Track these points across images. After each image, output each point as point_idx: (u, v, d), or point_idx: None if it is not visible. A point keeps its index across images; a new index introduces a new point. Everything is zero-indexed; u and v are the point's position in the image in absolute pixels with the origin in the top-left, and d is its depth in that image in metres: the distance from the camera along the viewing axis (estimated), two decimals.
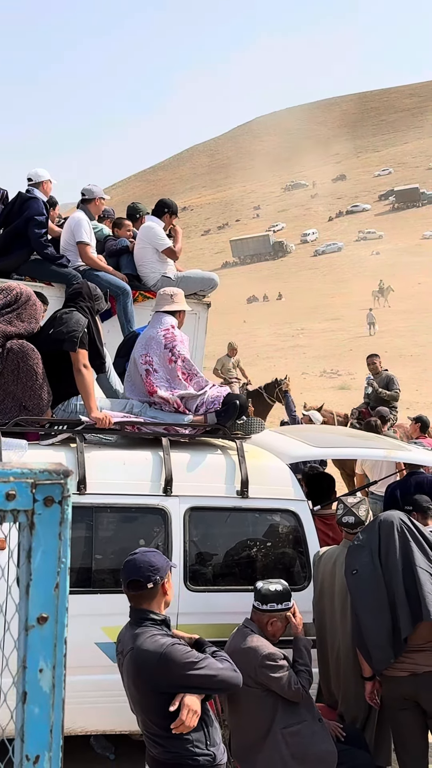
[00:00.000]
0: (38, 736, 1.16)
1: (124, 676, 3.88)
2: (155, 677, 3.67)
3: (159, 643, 3.72)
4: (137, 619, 3.89)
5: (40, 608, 1.16)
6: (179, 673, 3.67)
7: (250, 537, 5.66)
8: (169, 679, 3.67)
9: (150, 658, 3.68)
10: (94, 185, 8.25)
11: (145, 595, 3.87)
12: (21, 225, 7.40)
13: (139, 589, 3.87)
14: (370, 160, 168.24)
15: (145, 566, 3.87)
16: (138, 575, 3.85)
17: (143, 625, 3.83)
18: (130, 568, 3.90)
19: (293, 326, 48.15)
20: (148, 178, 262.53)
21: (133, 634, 3.83)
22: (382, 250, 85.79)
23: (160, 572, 3.89)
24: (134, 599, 3.92)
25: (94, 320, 5.99)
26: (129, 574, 3.89)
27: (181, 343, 5.95)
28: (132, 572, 3.88)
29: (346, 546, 5.17)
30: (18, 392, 5.52)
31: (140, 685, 3.73)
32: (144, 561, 3.89)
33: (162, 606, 3.94)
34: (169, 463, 5.37)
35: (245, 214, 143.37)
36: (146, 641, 3.74)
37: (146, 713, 3.77)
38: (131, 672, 3.76)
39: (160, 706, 3.68)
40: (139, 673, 3.71)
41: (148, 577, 3.85)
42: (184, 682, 3.68)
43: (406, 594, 4.49)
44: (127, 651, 3.81)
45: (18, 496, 1.14)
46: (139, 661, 3.71)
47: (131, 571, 3.89)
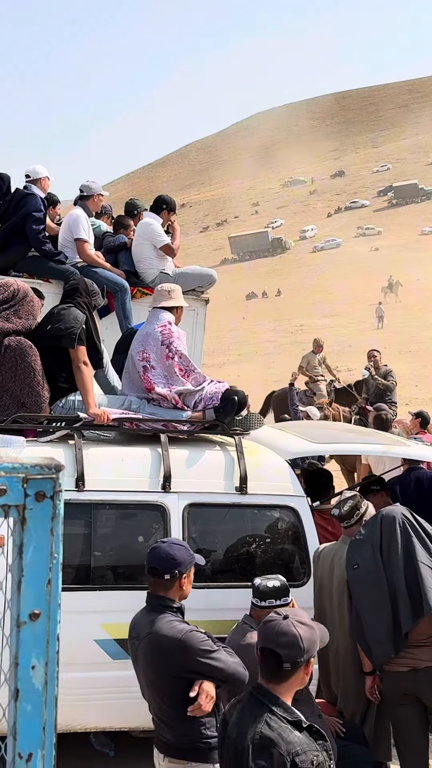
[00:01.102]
0: (31, 734, 1.14)
1: (139, 660, 3.93)
2: (173, 662, 3.73)
3: (177, 629, 3.78)
4: (154, 605, 3.95)
5: (32, 605, 1.15)
6: (195, 659, 3.72)
7: (249, 533, 5.64)
8: (186, 664, 3.73)
9: (168, 643, 3.74)
10: (93, 182, 8.22)
11: (162, 583, 3.94)
12: (18, 221, 7.39)
13: (157, 576, 3.95)
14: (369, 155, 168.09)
15: (167, 557, 3.94)
16: (157, 564, 3.94)
17: (160, 612, 3.89)
18: (153, 556, 4.00)
19: (292, 322, 48.12)
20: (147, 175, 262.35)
21: (150, 619, 3.88)
22: (381, 246, 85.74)
23: (180, 567, 3.95)
24: (152, 585, 4.00)
25: (91, 316, 5.97)
26: (150, 560, 3.99)
27: (178, 339, 5.93)
28: (153, 560, 3.97)
29: (345, 542, 5.15)
30: (16, 389, 5.51)
31: (157, 668, 3.78)
32: (167, 552, 3.97)
33: (178, 596, 4.00)
34: (167, 459, 5.36)
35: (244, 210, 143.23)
36: (164, 626, 3.80)
37: (161, 697, 3.82)
38: (148, 656, 3.81)
39: (176, 690, 3.75)
40: (157, 657, 3.77)
41: (167, 568, 3.92)
42: (199, 668, 3.74)
43: (407, 589, 4.48)
44: (143, 636, 3.86)
45: (9, 491, 1.12)
46: (157, 645, 3.77)
47: (153, 558, 3.98)
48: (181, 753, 3.80)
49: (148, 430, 5.67)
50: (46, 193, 8.01)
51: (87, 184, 8.15)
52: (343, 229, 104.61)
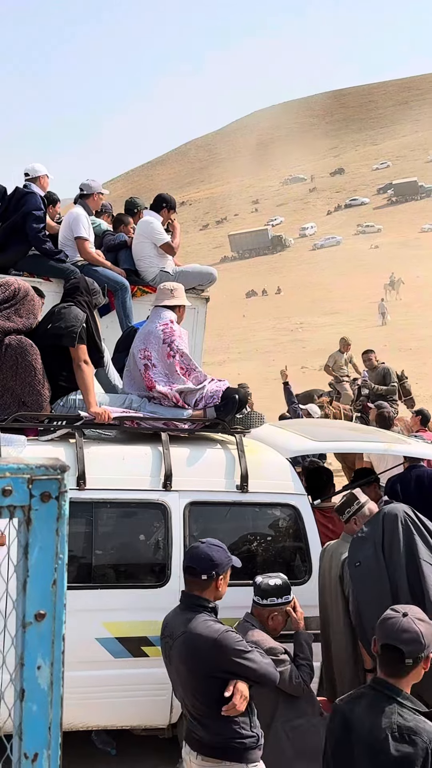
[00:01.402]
0: (37, 734, 1.15)
1: (172, 659, 3.96)
2: (208, 661, 3.79)
3: (213, 629, 3.83)
4: (189, 604, 4.00)
5: (37, 605, 1.15)
6: (230, 659, 3.78)
7: (250, 531, 5.65)
8: (221, 664, 3.79)
9: (204, 643, 3.79)
10: (93, 180, 8.22)
11: (199, 583, 3.98)
12: (18, 220, 7.38)
13: (194, 576, 3.99)
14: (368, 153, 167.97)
15: (205, 558, 3.98)
16: (195, 564, 3.99)
17: (195, 611, 3.93)
18: (191, 556, 4.06)
19: (292, 320, 48.10)
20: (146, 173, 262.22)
21: (185, 618, 3.92)
22: (380, 243, 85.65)
23: (217, 569, 3.99)
24: (188, 584, 4.06)
25: (92, 314, 5.97)
26: (188, 560, 4.05)
27: (180, 338, 5.93)
28: (191, 560, 4.02)
29: (345, 539, 5.16)
30: (17, 388, 5.51)
31: (192, 667, 3.83)
32: (205, 553, 4.00)
33: (213, 597, 4.04)
34: (168, 458, 5.36)
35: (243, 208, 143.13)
36: (199, 626, 3.85)
37: (195, 696, 3.86)
38: (183, 655, 3.86)
39: (210, 689, 3.80)
40: (192, 656, 3.82)
41: (205, 569, 3.96)
42: (233, 668, 3.79)
43: (409, 587, 4.48)
44: (178, 635, 3.90)
45: (14, 492, 1.12)
46: (193, 644, 3.82)
47: (191, 558, 4.04)
48: (216, 752, 3.84)
49: (149, 428, 5.67)
50: (45, 192, 8.00)
51: (87, 182, 8.14)
52: (342, 227, 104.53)
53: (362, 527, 4.88)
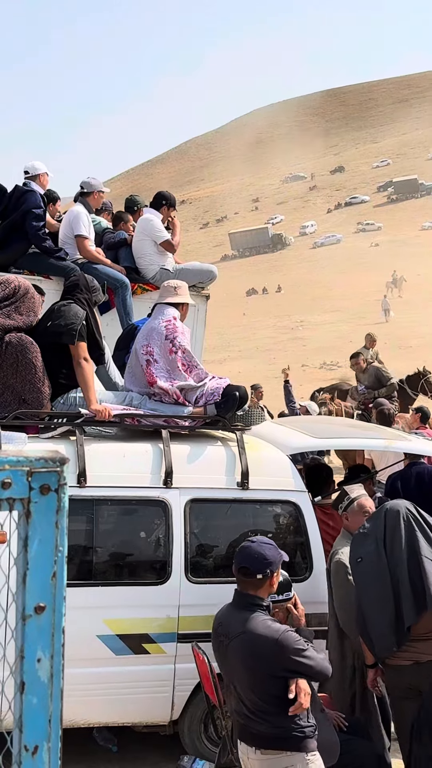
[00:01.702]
0: (37, 727, 1.15)
1: (228, 657, 3.99)
2: (270, 661, 3.83)
3: (273, 629, 3.88)
4: (244, 603, 4.03)
5: (37, 598, 1.15)
6: (291, 658, 3.82)
7: (250, 528, 5.64)
8: (282, 663, 3.83)
9: (266, 643, 3.83)
10: (93, 178, 8.21)
11: (253, 582, 4.01)
12: (18, 218, 7.38)
13: (248, 576, 4.01)
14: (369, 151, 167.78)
15: (259, 557, 4.00)
16: (249, 564, 4.00)
17: (251, 610, 3.97)
18: (243, 556, 4.06)
19: (293, 319, 48.07)
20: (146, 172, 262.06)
21: (242, 617, 3.96)
22: (381, 241, 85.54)
23: (272, 566, 4.02)
24: (242, 584, 4.07)
25: (92, 312, 5.97)
26: (242, 560, 4.05)
27: (182, 334, 5.94)
28: (245, 560, 4.03)
29: (344, 536, 5.18)
30: (17, 385, 5.51)
31: (253, 667, 3.87)
32: (258, 552, 4.03)
33: (267, 594, 4.07)
34: (169, 455, 5.36)
35: (244, 206, 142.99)
36: (258, 626, 3.88)
37: (255, 693, 3.89)
38: (242, 654, 3.89)
39: (271, 687, 3.85)
40: (253, 655, 3.86)
41: (259, 568, 3.99)
42: (293, 666, 3.84)
43: (410, 583, 4.48)
44: (235, 634, 3.93)
45: (14, 485, 1.12)
46: (253, 644, 3.86)
47: (244, 558, 4.04)
48: (278, 742, 3.88)
49: (149, 425, 5.67)
50: (45, 190, 7.99)
51: (87, 180, 8.13)
52: (343, 225, 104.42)
53: (364, 523, 4.89)
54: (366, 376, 13.25)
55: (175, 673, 5.31)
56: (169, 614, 5.27)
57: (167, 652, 5.29)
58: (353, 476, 6.95)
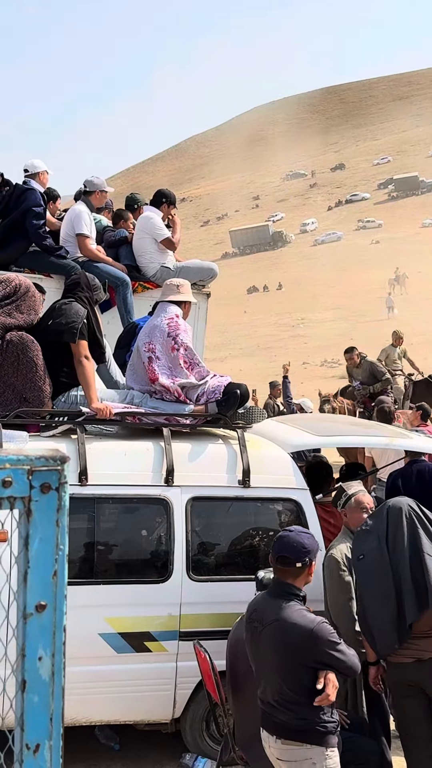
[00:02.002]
0: (38, 725, 1.15)
1: (260, 644, 3.99)
2: (303, 651, 3.84)
3: (309, 619, 3.89)
4: (281, 592, 4.03)
5: (38, 596, 1.15)
6: (324, 650, 3.85)
7: (252, 526, 5.65)
8: (315, 654, 3.84)
9: (300, 632, 3.84)
10: (97, 177, 8.20)
11: (291, 571, 4.03)
12: (18, 217, 7.37)
13: (286, 564, 4.02)
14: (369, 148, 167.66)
15: (298, 546, 4.02)
16: (289, 552, 4.01)
17: (287, 599, 3.97)
18: (282, 544, 4.06)
19: (294, 316, 48.09)
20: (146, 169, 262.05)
21: (277, 605, 3.96)
22: (381, 238, 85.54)
23: (310, 555, 4.05)
24: (279, 572, 4.08)
25: (93, 310, 5.97)
26: (281, 549, 4.05)
27: (185, 332, 5.94)
28: (284, 549, 4.03)
29: (344, 534, 5.18)
30: (18, 384, 5.51)
31: (284, 655, 3.88)
32: (297, 541, 4.05)
33: (303, 584, 4.09)
34: (170, 453, 5.36)
35: (244, 204, 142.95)
36: (294, 614, 3.90)
37: (284, 682, 3.90)
38: (275, 643, 3.90)
39: (300, 677, 3.87)
40: (286, 644, 3.86)
41: (299, 557, 4.00)
42: (325, 659, 3.85)
43: (412, 580, 4.49)
44: (269, 621, 3.94)
45: (14, 483, 1.12)
46: (287, 633, 3.86)
47: (283, 547, 4.04)
48: (299, 734, 3.89)
49: (150, 424, 5.67)
50: (45, 188, 7.99)
51: (90, 179, 8.12)
52: (343, 222, 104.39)
53: (366, 520, 4.89)
54: (360, 371, 13.18)
55: (177, 671, 5.32)
56: (170, 612, 5.28)
57: (169, 650, 5.29)
58: (350, 474, 6.96)
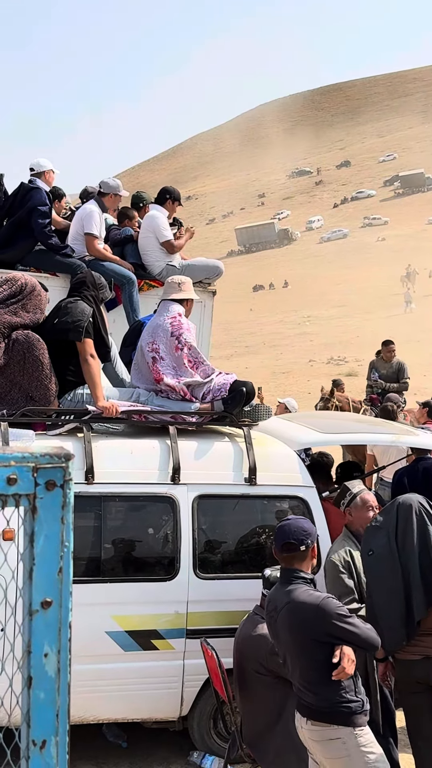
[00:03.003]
0: (44, 721, 1.15)
1: (279, 630, 4.08)
2: (314, 626, 3.93)
3: (315, 596, 4.01)
4: (288, 578, 4.13)
5: (43, 593, 1.15)
6: (333, 623, 3.91)
7: (258, 524, 5.66)
8: (325, 628, 3.91)
9: (308, 609, 3.95)
10: (114, 179, 8.19)
11: (297, 556, 4.14)
12: (24, 216, 7.38)
13: (292, 551, 4.13)
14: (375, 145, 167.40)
15: (299, 530, 4.17)
16: (292, 538, 4.13)
17: (295, 583, 4.08)
18: (285, 532, 4.19)
19: (300, 314, 48.04)
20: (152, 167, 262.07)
21: (285, 591, 4.07)
22: (387, 235, 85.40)
23: (311, 537, 4.19)
24: (286, 560, 4.19)
25: (98, 309, 5.98)
26: (284, 536, 4.17)
27: (188, 331, 5.93)
28: (287, 535, 4.16)
29: (345, 535, 5.18)
30: (24, 383, 5.52)
31: (299, 634, 3.98)
32: (297, 526, 4.20)
33: (310, 568, 4.19)
34: (176, 451, 5.37)
35: (250, 202, 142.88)
36: (301, 594, 4.01)
37: (305, 662, 3.99)
38: (290, 623, 4.00)
39: (318, 653, 3.95)
40: (299, 623, 3.97)
41: (301, 540, 4.13)
42: (336, 632, 3.91)
43: (421, 577, 4.49)
44: (281, 606, 4.04)
45: (19, 481, 1.13)
46: (297, 611, 3.97)
47: (286, 534, 4.17)
48: (324, 716, 3.96)
49: (156, 422, 5.67)
50: (51, 187, 7.99)
51: (106, 180, 8.10)
52: (349, 220, 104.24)
53: (376, 516, 4.88)
54: (388, 366, 13.11)
55: (184, 669, 5.33)
56: (177, 610, 5.28)
57: (176, 648, 5.30)
58: (345, 473, 6.95)
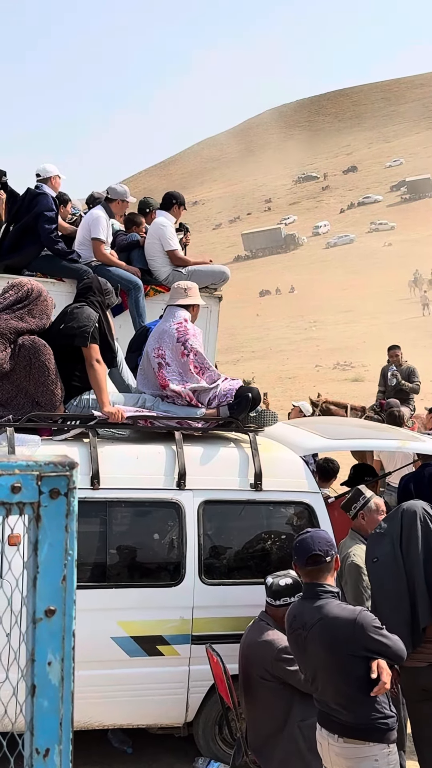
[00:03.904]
0: (48, 730, 1.15)
1: (309, 647, 3.98)
2: (351, 640, 3.83)
3: (350, 609, 3.92)
4: (315, 593, 4.01)
5: (47, 601, 1.15)
6: (370, 636, 3.83)
7: (264, 530, 5.65)
8: (363, 642, 3.83)
9: (345, 623, 3.84)
10: (121, 185, 8.21)
11: (323, 568, 4.02)
12: (31, 221, 7.40)
13: (318, 563, 4.00)
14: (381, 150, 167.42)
15: (323, 541, 4.05)
16: (318, 549, 4.01)
17: (324, 598, 3.97)
18: (308, 544, 4.05)
19: (306, 319, 48.05)
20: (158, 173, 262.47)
21: (315, 606, 3.96)
22: (394, 241, 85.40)
23: (334, 547, 4.10)
24: (311, 574, 4.05)
25: (104, 314, 5.99)
26: (308, 549, 4.03)
27: (194, 336, 5.94)
28: (311, 547, 4.03)
29: (352, 537, 5.17)
30: (30, 388, 5.53)
31: (335, 650, 3.87)
32: (320, 537, 4.09)
33: (333, 579, 4.09)
34: (182, 456, 5.37)
35: (256, 207, 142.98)
36: (335, 609, 3.91)
37: (341, 679, 3.89)
38: (323, 640, 3.89)
39: (355, 669, 3.84)
40: (334, 638, 3.86)
41: (327, 551, 4.02)
42: (373, 645, 3.84)
43: (426, 584, 4.47)
44: (313, 623, 3.93)
45: (24, 489, 1.13)
46: (333, 627, 3.87)
47: (310, 546, 4.04)
48: (360, 733, 3.89)
49: (162, 427, 5.68)
50: (57, 192, 8.02)
51: (114, 187, 8.13)
52: (356, 225, 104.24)
53: (381, 523, 4.87)
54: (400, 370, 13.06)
55: (190, 674, 5.32)
56: (183, 616, 5.28)
57: (181, 653, 5.29)
58: (358, 476, 6.94)
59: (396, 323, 41.92)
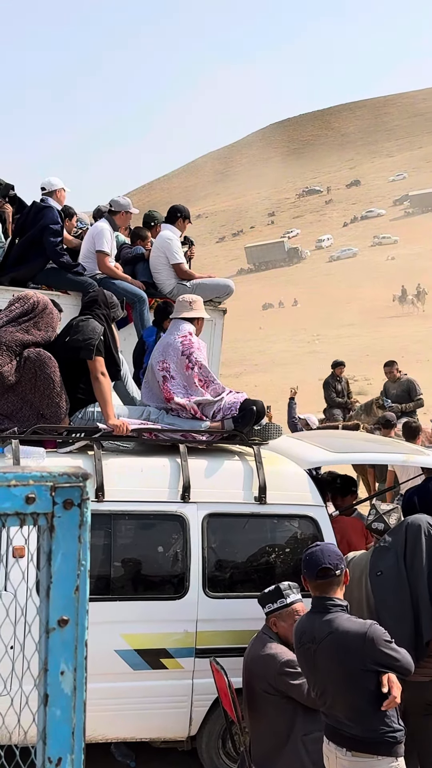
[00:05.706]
0: (60, 739, 1.16)
1: (319, 662, 3.97)
2: (362, 654, 3.83)
3: (359, 623, 3.92)
4: (324, 606, 4.01)
5: (60, 611, 1.16)
6: (380, 650, 3.83)
7: (268, 543, 5.65)
8: (373, 655, 3.83)
9: (355, 637, 3.85)
10: (124, 197, 8.26)
11: (333, 581, 4.02)
12: (36, 234, 7.44)
13: (329, 576, 4.00)
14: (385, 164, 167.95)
15: (333, 555, 4.05)
16: (328, 562, 4.01)
17: (333, 612, 3.97)
18: (317, 557, 4.05)
19: (309, 332, 48.09)
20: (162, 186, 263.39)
21: (324, 620, 3.95)
22: (397, 254, 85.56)
23: (343, 561, 4.10)
24: (320, 587, 4.04)
25: (110, 327, 6.01)
26: (317, 562, 4.03)
27: (198, 350, 5.95)
28: (320, 560, 4.02)
29: None
30: (35, 400, 5.54)
31: (347, 664, 3.86)
32: (329, 551, 4.09)
33: (341, 593, 4.08)
34: (186, 469, 5.37)
35: (259, 220, 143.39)
36: (345, 623, 3.90)
37: (352, 692, 3.89)
38: (334, 653, 3.89)
39: (366, 683, 3.84)
40: (345, 652, 3.86)
41: (336, 564, 4.02)
42: (383, 659, 3.85)
43: (430, 596, 4.47)
44: (323, 637, 3.92)
45: (38, 500, 1.14)
46: (344, 640, 3.87)
47: (319, 559, 4.03)
48: (370, 747, 3.88)
49: (167, 440, 5.69)
50: (62, 205, 8.06)
51: (117, 199, 8.18)
52: (359, 239, 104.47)
53: (385, 537, 4.87)
54: (396, 386, 13.00)
55: (193, 688, 5.31)
56: (186, 629, 5.27)
57: (185, 667, 5.28)
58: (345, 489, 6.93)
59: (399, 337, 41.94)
